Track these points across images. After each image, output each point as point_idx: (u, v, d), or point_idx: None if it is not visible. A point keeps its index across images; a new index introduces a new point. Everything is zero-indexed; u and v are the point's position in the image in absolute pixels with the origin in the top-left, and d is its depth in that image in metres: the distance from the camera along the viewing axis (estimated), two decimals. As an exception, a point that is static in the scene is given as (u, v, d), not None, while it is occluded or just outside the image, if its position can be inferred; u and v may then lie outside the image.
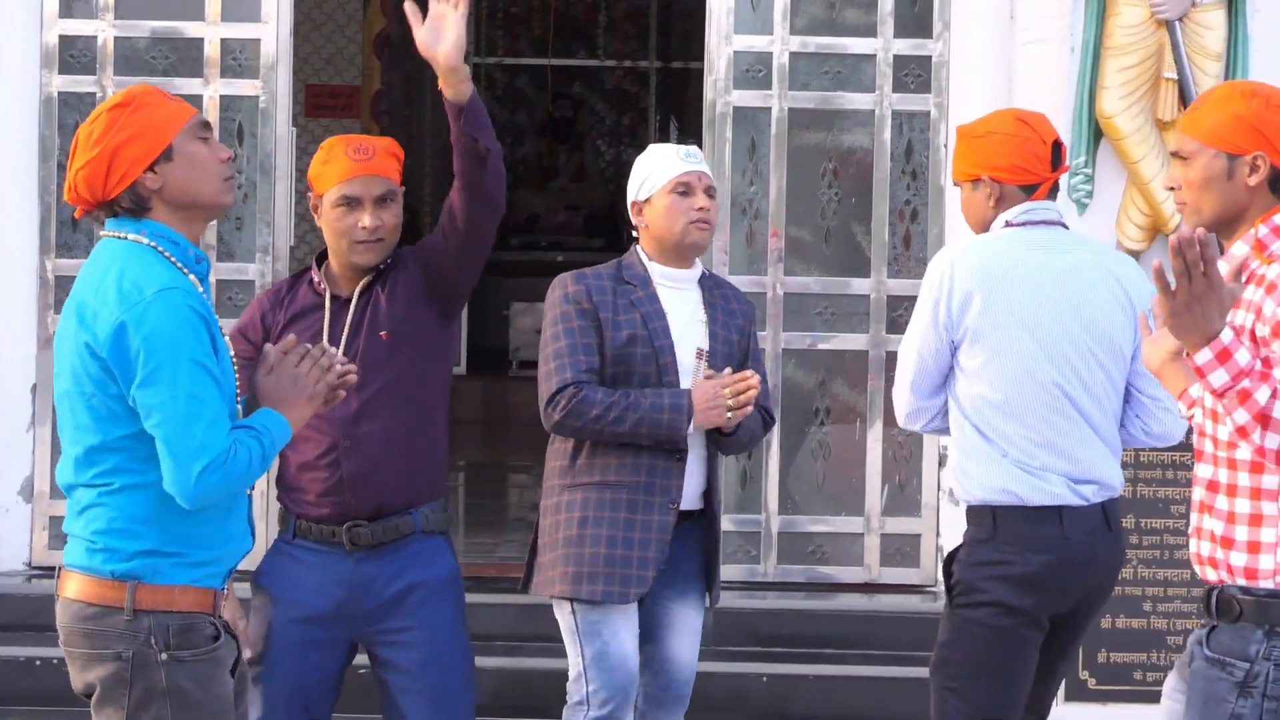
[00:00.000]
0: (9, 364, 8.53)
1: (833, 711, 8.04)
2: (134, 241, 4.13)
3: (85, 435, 4.10)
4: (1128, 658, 7.82)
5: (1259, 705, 4.13)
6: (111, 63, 8.57)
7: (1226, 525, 4.21)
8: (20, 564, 8.57)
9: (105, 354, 4.03)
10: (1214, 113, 4.29)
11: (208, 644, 4.13)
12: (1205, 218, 4.27)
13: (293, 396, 4.24)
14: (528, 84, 19.57)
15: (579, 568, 5.52)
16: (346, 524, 5.14)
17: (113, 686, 4.07)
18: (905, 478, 8.72)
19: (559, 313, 5.62)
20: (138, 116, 4.11)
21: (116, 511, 4.08)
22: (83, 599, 4.11)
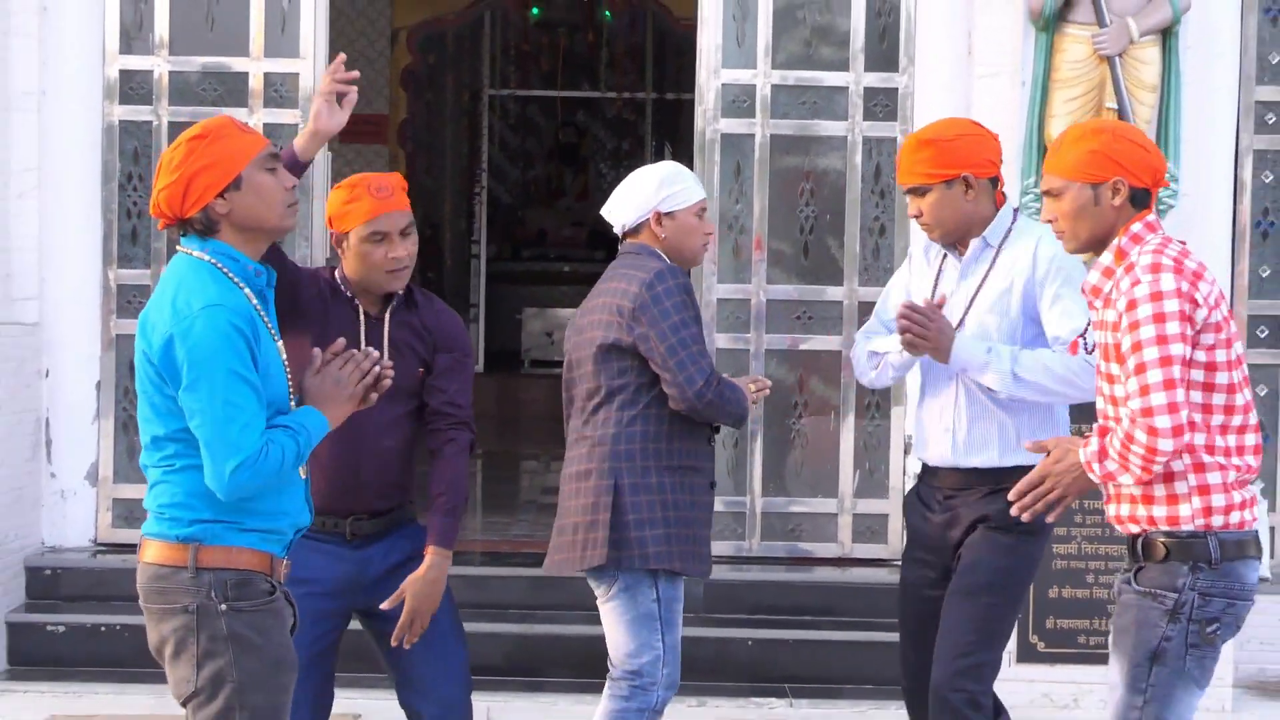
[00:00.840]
0: (76, 363, 8.54)
1: (810, 672, 8.05)
2: (198, 258, 4.17)
3: (151, 426, 4.16)
4: (1072, 624, 7.83)
5: (1184, 628, 4.37)
6: (166, 94, 8.59)
7: (1144, 487, 4.42)
8: (87, 541, 8.58)
9: (157, 361, 4.08)
10: (1072, 151, 4.51)
11: (263, 597, 4.16)
12: (1082, 241, 4.54)
13: (334, 396, 4.28)
14: (538, 113, 19.57)
15: (685, 546, 5.43)
16: (350, 517, 5.17)
17: (183, 637, 4.11)
18: (874, 464, 8.74)
19: (681, 300, 5.36)
20: (213, 148, 4.14)
21: (178, 487, 4.14)
22: (155, 562, 4.15)
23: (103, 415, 8.55)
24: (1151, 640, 4.38)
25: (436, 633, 5.21)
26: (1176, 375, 4.28)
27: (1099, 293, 4.49)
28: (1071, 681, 7.79)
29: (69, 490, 8.56)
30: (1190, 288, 4.32)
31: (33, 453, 8.41)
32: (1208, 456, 4.37)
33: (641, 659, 5.40)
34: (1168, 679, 4.37)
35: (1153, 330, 4.29)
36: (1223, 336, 4.37)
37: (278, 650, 4.17)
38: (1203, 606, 4.36)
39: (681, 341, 5.28)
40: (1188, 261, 4.39)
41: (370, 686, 5.84)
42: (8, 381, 8.05)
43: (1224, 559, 4.37)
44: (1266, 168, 8.72)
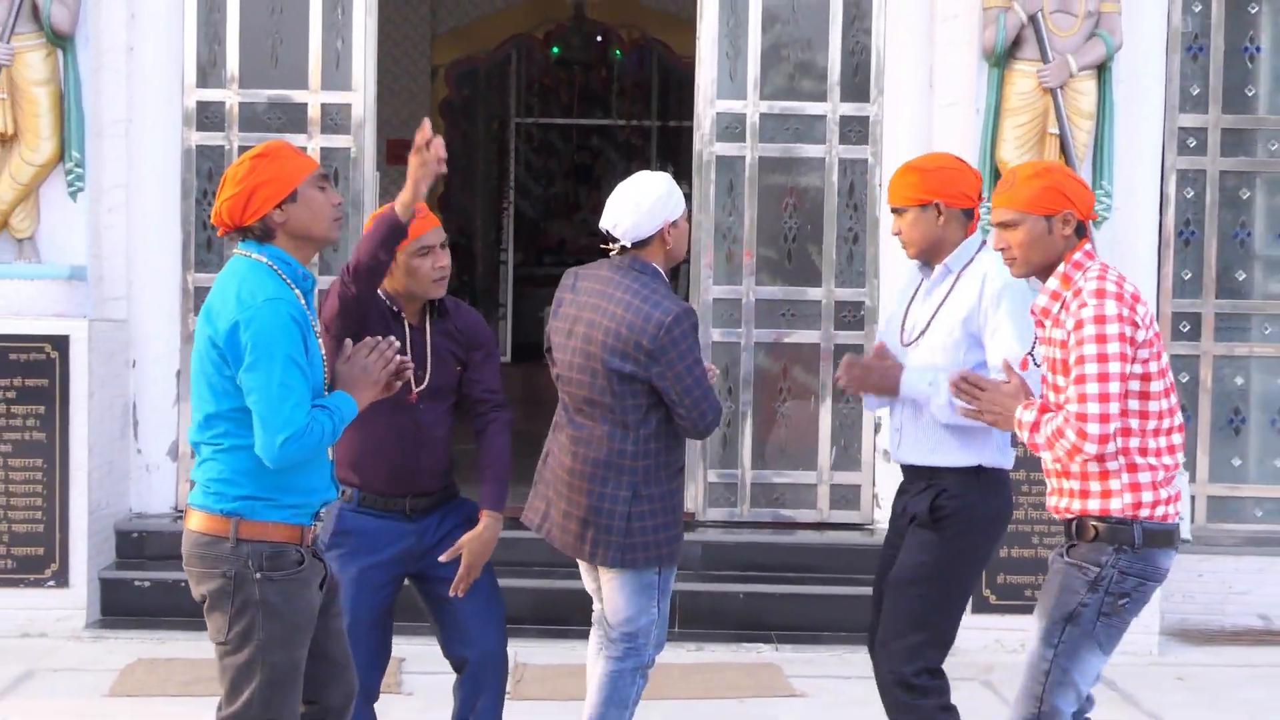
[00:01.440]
0: (159, 355, 8.56)
1: (794, 621, 8.06)
2: (255, 260, 4.20)
3: (205, 405, 4.18)
4: (1020, 579, 7.84)
5: (1100, 598, 4.41)
6: (237, 122, 8.59)
7: (1082, 483, 4.45)
8: (168, 508, 8.59)
9: (222, 344, 4.11)
10: (1026, 188, 4.48)
11: (293, 568, 4.19)
12: (1033, 267, 4.52)
13: (362, 382, 4.33)
14: (557, 138, 19.53)
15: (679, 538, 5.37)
16: (409, 496, 5.19)
17: (219, 597, 4.16)
18: (848, 441, 8.74)
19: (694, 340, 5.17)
20: (273, 166, 4.19)
21: (224, 465, 4.16)
22: (199, 530, 4.19)
23: (182, 400, 8.55)
24: (1070, 604, 4.42)
25: (480, 592, 5.23)
26: (1113, 390, 4.29)
27: (1048, 314, 4.48)
28: (1019, 629, 7.75)
29: (153, 465, 8.57)
30: (1130, 312, 4.33)
31: (122, 432, 8.43)
32: (1140, 458, 4.40)
33: (639, 623, 5.35)
34: (1077, 639, 4.41)
35: (1095, 349, 4.29)
36: (1154, 350, 4.39)
37: (299, 615, 4.20)
38: (1119, 582, 4.39)
39: (696, 381, 5.12)
40: (1126, 285, 4.41)
41: (412, 634, 5.85)
42: (100, 371, 8.05)
43: (1145, 545, 4.40)
44: (1188, 185, 8.72)
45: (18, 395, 7.85)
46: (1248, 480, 8.80)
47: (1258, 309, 8.81)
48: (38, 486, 7.86)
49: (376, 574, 5.12)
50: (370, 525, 5.11)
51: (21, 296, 7.97)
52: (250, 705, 4.12)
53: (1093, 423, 4.28)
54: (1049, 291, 4.48)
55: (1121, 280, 4.42)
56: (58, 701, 6.74)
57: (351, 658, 4.48)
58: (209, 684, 6.75)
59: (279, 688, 4.15)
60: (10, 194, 7.93)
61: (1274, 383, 8.83)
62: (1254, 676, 7.53)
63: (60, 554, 7.87)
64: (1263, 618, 8.31)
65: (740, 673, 7.35)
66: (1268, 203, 8.86)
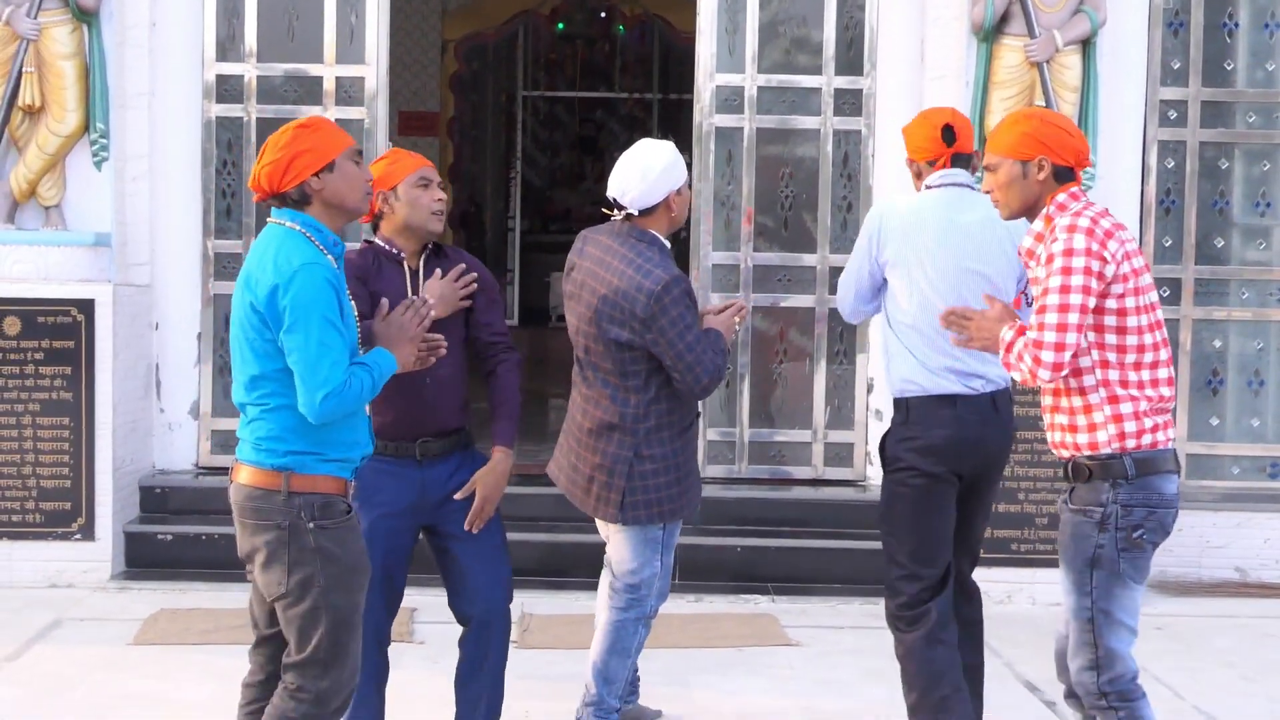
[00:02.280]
0: (181, 318, 8.55)
1: (789, 573, 8.07)
2: (289, 228, 4.21)
3: (248, 367, 4.19)
4: (1006, 533, 7.85)
5: (1113, 536, 4.37)
6: (255, 95, 8.56)
7: (1070, 417, 4.45)
8: (190, 465, 8.59)
9: (263, 309, 4.11)
10: (1007, 133, 4.54)
11: (342, 516, 4.22)
12: (1013, 209, 4.55)
13: (399, 338, 4.40)
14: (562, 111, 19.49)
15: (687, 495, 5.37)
16: (419, 440, 5.15)
17: (276, 548, 4.16)
18: (841, 401, 8.74)
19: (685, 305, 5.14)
20: (315, 136, 4.21)
21: (273, 423, 4.18)
22: (252, 484, 4.19)
23: (203, 361, 8.56)
24: (1088, 550, 4.37)
25: (488, 551, 5.19)
26: (1071, 321, 4.28)
27: (1032, 254, 4.47)
28: (1005, 581, 7.81)
29: (175, 423, 8.57)
30: (1100, 247, 4.31)
31: (145, 392, 8.42)
32: (1121, 390, 4.36)
33: (642, 575, 5.37)
34: (1106, 580, 4.36)
35: (1058, 280, 4.29)
36: (1130, 286, 4.35)
37: (354, 558, 4.24)
38: (1125, 516, 4.35)
39: (688, 346, 5.12)
40: (1103, 222, 4.38)
41: (424, 585, 5.85)
42: (124, 333, 8.05)
43: (1139, 474, 4.36)
44: (1169, 155, 8.68)
45: (45, 357, 7.85)
46: (1225, 439, 8.80)
47: (1235, 275, 8.78)
48: (65, 444, 7.87)
49: (389, 523, 5.10)
50: (382, 474, 5.08)
51: (49, 262, 7.95)
52: (320, 648, 4.16)
53: (1047, 350, 4.29)
54: (1033, 233, 4.49)
55: (1099, 217, 4.39)
56: (84, 649, 6.76)
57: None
58: (229, 632, 6.80)
59: (345, 628, 4.20)
60: (38, 164, 7.92)
61: (1251, 345, 8.82)
62: (1229, 626, 7.55)
63: (86, 508, 7.88)
64: (1239, 570, 8.32)
65: (738, 623, 7.36)
66: (1245, 173, 8.83)
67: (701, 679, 5.92)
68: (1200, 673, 6.74)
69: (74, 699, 6.05)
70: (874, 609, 7.55)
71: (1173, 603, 7.93)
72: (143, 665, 6.53)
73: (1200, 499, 8.45)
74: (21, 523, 7.86)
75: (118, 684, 6.26)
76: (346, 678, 4.25)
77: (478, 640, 5.21)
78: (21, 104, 7.86)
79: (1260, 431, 8.81)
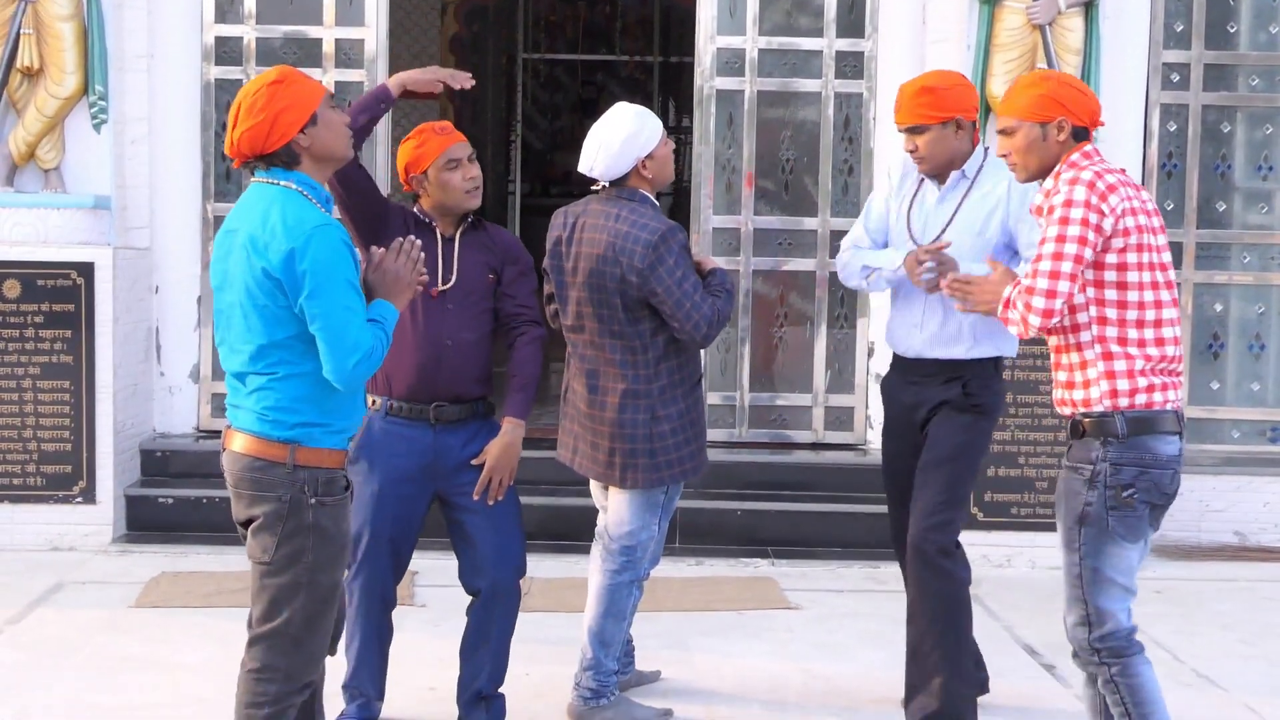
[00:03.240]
0: (180, 282, 8.55)
1: (789, 536, 8.09)
2: (283, 187, 4.08)
3: (255, 336, 4.05)
4: (1006, 498, 7.85)
5: (1102, 494, 4.37)
6: (254, 57, 8.54)
7: (1068, 373, 4.47)
8: (190, 428, 8.60)
9: (279, 275, 3.97)
10: (1023, 95, 4.50)
11: (341, 493, 4.14)
12: (1031, 172, 4.54)
13: (395, 286, 4.23)
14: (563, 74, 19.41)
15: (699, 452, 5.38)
16: (434, 404, 5.15)
17: (272, 520, 4.06)
18: (842, 365, 8.74)
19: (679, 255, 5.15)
20: (291, 90, 4.07)
21: (281, 393, 4.06)
22: (252, 454, 4.07)
23: (203, 325, 8.56)
24: (1076, 506, 4.38)
25: (501, 525, 5.19)
26: (1064, 270, 4.28)
27: (1041, 211, 4.45)
28: (1005, 545, 7.83)
29: (175, 386, 8.58)
30: (1099, 200, 4.30)
31: (145, 355, 8.42)
32: (1117, 347, 4.35)
33: (639, 537, 5.38)
34: (1095, 537, 4.36)
35: (1055, 230, 4.30)
36: (1133, 242, 4.33)
37: (344, 537, 4.16)
38: (1115, 475, 4.34)
39: (685, 294, 5.12)
40: (1108, 177, 4.37)
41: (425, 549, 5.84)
42: (124, 297, 8.04)
43: (1130, 434, 4.35)
44: (1171, 119, 8.66)
45: (45, 320, 7.85)
46: (1225, 403, 8.81)
47: (1236, 239, 8.77)
48: (65, 408, 7.87)
49: (400, 489, 5.10)
50: (394, 435, 5.06)
51: (48, 225, 7.94)
52: (290, 623, 4.06)
53: (1038, 296, 4.30)
54: (1044, 191, 4.47)
55: (1103, 173, 4.39)
56: (86, 612, 6.77)
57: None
58: (230, 595, 6.81)
59: (321, 606, 4.10)
60: (37, 126, 7.90)
61: (1252, 309, 8.81)
62: (1228, 590, 7.57)
63: (87, 472, 7.89)
64: (1238, 534, 8.33)
65: (738, 586, 7.38)
66: (1247, 136, 8.81)
67: (702, 642, 5.94)
68: (1199, 636, 6.75)
69: (76, 661, 6.07)
70: (874, 573, 7.58)
71: (1172, 566, 7.95)
72: (144, 628, 6.54)
73: (1200, 463, 8.45)
74: (23, 486, 7.88)
75: (119, 646, 6.27)
76: (318, 653, 4.16)
77: (484, 612, 5.22)
78: (20, 66, 7.84)
79: (1261, 396, 8.82)
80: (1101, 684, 4.43)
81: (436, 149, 5.11)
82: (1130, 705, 4.37)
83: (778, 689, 5.92)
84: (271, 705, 4.08)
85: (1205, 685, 6.10)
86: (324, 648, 4.19)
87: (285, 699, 4.10)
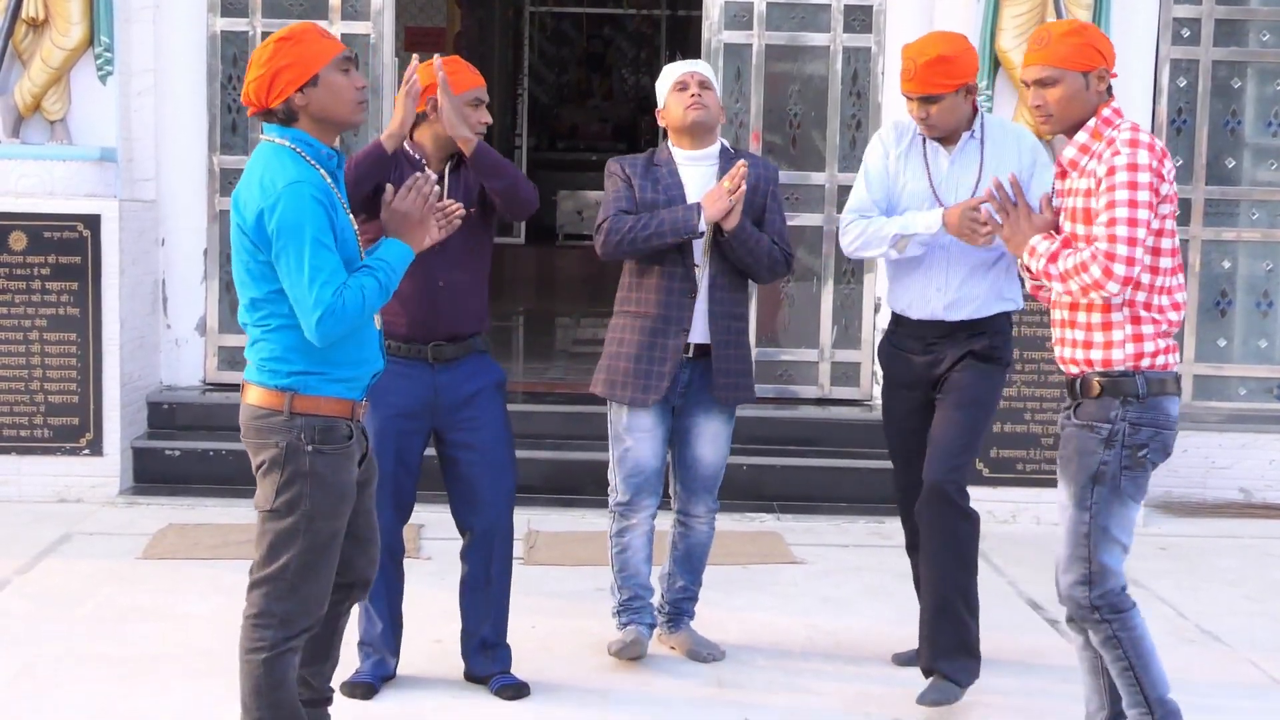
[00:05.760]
0: (187, 234, 8.55)
1: (793, 492, 8.10)
2: (279, 144, 4.12)
3: (247, 290, 4.14)
4: (1011, 454, 7.87)
5: (1118, 453, 4.35)
6: (260, 8, 8.52)
7: (1086, 333, 4.42)
8: (197, 381, 8.62)
9: (250, 233, 4.05)
10: (1064, 44, 4.38)
11: (342, 442, 4.16)
12: (1068, 124, 4.43)
13: (407, 224, 4.27)
14: (570, 28, 19.38)
15: (613, 376, 5.50)
16: (431, 344, 5.17)
17: (271, 465, 4.12)
18: (848, 321, 8.75)
19: (607, 185, 5.51)
20: (296, 49, 4.08)
21: (275, 343, 4.12)
22: (256, 404, 4.14)
23: (209, 277, 8.57)
24: (1091, 465, 4.36)
25: (495, 464, 5.23)
26: (1140, 235, 4.25)
27: (1075, 165, 4.40)
28: (1011, 501, 7.84)
29: (182, 339, 8.60)
30: (1159, 164, 4.29)
31: (152, 308, 8.44)
32: (1144, 311, 4.35)
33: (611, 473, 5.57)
34: (1107, 496, 4.35)
35: (1127, 194, 4.25)
36: (1168, 209, 4.34)
37: (343, 487, 4.17)
38: (1132, 435, 4.34)
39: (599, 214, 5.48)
40: (1157, 141, 4.36)
41: (430, 502, 5.87)
42: (131, 249, 8.05)
43: (1149, 394, 4.34)
44: (1181, 74, 8.64)
45: (52, 272, 7.85)
46: (1232, 360, 8.81)
47: (1245, 195, 8.76)
48: (72, 360, 7.88)
49: (400, 424, 5.12)
50: (394, 375, 5.07)
51: (54, 177, 7.94)
52: (287, 569, 4.10)
53: (1119, 263, 4.24)
54: (1078, 144, 4.40)
55: (1154, 137, 4.38)
56: (93, 563, 6.80)
57: (377, 533, 4.47)
58: (236, 548, 6.84)
59: (319, 554, 4.14)
60: (42, 77, 7.88)
61: (1259, 266, 8.80)
62: (1233, 547, 7.58)
63: (94, 424, 7.90)
64: (1243, 491, 8.35)
65: (744, 540, 7.40)
66: (1258, 92, 8.78)
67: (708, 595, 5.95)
68: (1203, 592, 6.77)
69: (83, 612, 6.10)
70: (878, 527, 7.60)
71: (1177, 523, 7.96)
72: (151, 579, 6.57)
73: (1206, 420, 8.47)
74: (30, 438, 7.90)
75: (126, 597, 6.30)
76: (314, 602, 4.18)
77: (480, 551, 5.26)
78: (25, 17, 7.82)
79: (1268, 353, 8.82)
80: (1100, 642, 4.42)
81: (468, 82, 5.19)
82: (1133, 658, 4.38)
83: (782, 642, 5.94)
84: (269, 650, 4.12)
85: (1209, 641, 6.12)
86: (323, 595, 4.20)
87: (282, 644, 4.13)
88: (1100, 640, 4.42)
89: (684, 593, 5.78)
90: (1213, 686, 5.52)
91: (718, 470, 5.67)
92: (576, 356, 10.67)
